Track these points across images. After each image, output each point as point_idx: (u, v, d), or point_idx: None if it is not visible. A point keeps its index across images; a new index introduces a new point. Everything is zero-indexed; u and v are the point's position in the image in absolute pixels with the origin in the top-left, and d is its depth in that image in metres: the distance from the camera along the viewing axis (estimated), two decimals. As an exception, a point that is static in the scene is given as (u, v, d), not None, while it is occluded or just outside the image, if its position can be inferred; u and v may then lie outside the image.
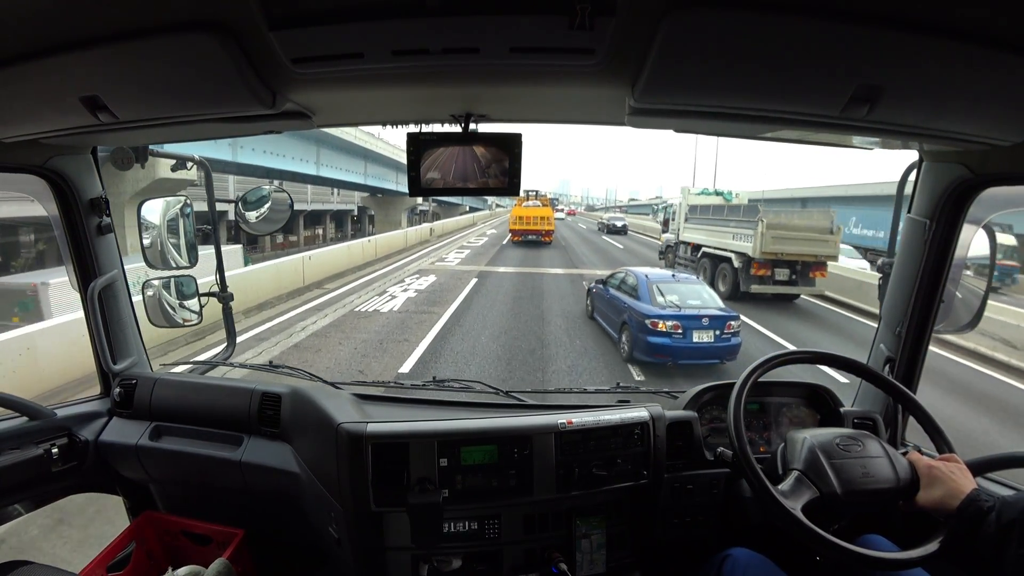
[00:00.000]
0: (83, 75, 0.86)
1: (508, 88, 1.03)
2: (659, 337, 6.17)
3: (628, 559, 1.39)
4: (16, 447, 1.35)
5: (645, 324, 6.27)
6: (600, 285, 8.21)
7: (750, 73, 0.79)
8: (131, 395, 1.55)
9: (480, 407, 1.52)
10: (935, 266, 1.30)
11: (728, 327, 6.28)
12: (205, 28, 0.74)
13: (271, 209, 1.80)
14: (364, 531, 1.23)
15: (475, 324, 8.47)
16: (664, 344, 6.17)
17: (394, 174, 31.87)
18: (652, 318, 6.24)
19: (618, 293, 7.30)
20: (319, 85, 0.94)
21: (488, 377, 5.68)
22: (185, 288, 1.83)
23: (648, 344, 6.24)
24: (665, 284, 6.92)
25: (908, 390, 1.24)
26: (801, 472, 1.06)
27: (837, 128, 0.94)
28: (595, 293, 8.46)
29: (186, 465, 1.51)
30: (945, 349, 7.98)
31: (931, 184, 1.27)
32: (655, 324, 6.19)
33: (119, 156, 1.46)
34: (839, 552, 0.97)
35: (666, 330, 6.14)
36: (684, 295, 6.73)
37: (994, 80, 0.77)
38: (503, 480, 1.23)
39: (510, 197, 2.15)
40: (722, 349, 6.31)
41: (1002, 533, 0.87)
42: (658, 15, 0.69)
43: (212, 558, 1.39)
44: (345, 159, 25.71)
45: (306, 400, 1.37)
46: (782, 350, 1.23)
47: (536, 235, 22.40)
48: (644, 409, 1.35)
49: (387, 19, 0.73)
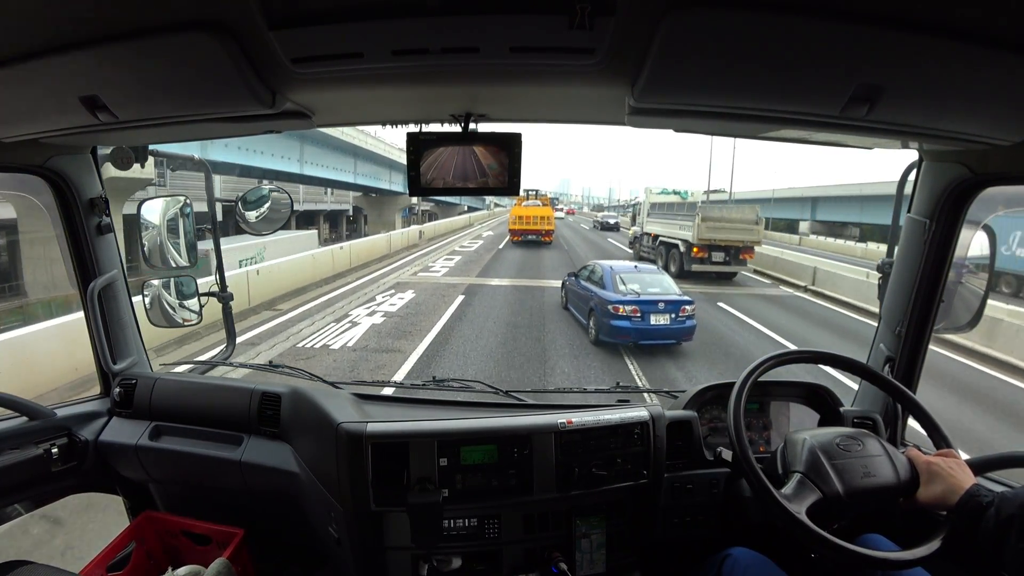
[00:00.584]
0: (83, 75, 0.86)
1: (508, 88, 1.03)
2: (620, 320, 7.02)
3: (628, 559, 1.39)
4: (16, 447, 1.35)
5: (608, 309, 7.13)
6: (572, 278, 8.99)
7: (750, 73, 0.79)
8: (131, 395, 1.55)
9: (480, 407, 1.52)
10: (935, 266, 1.30)
11: (683, 311, 7.12)
12: (205, 28, 0.74)
13: (271, 209, 1.80)
14: (364, 531, 1.23)
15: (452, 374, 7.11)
16: (624, 326, 7.01)
17: (387, 173, 31.15)
18: (614, 303, 7.11)
19: (587, 284, 8.12)
20: (319, 85, 0.94)
21: (487, 380, 5.67)
22: (185, 288, 1.83)
23: (611, 327, 7.08)
24: (627, 274, 7.77)
25: (908, 390, 1.24)
26: (803, 474, 1.06)
27: (837, 128, 0.94)
28: (568, 285, 9.25)
29: (186, 465, 1.51)
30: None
31: (931, 184, 1.27)
32: (616, 309, 7.05)
33: (119, 156, 1.45)
34: (842, 553, 0.97)
35: (626, 314, 7.00)
36: (644, 283, 7.59)
37: (994, 80, 0.77)
38: (503, 480, 1.23)
39: (510, 197, 2.15)
40: (678, 331, 7.19)
41: (1001, 528, 0.88)
42: (658, 15, 0.69)
43: (212, 558, 1.39)
44: (333, 156, 24.78)
45: (306, 400, 1.37)
46: (782, 350, 1.24)
47: (536, 235, 22.17)
48: (644, 409, 1.35)
49: (387, 19, 0.73)
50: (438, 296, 10.59)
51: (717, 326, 9.27)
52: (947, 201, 1.24)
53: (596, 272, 8.10)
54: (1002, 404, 6.29)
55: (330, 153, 24.73)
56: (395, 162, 31.42)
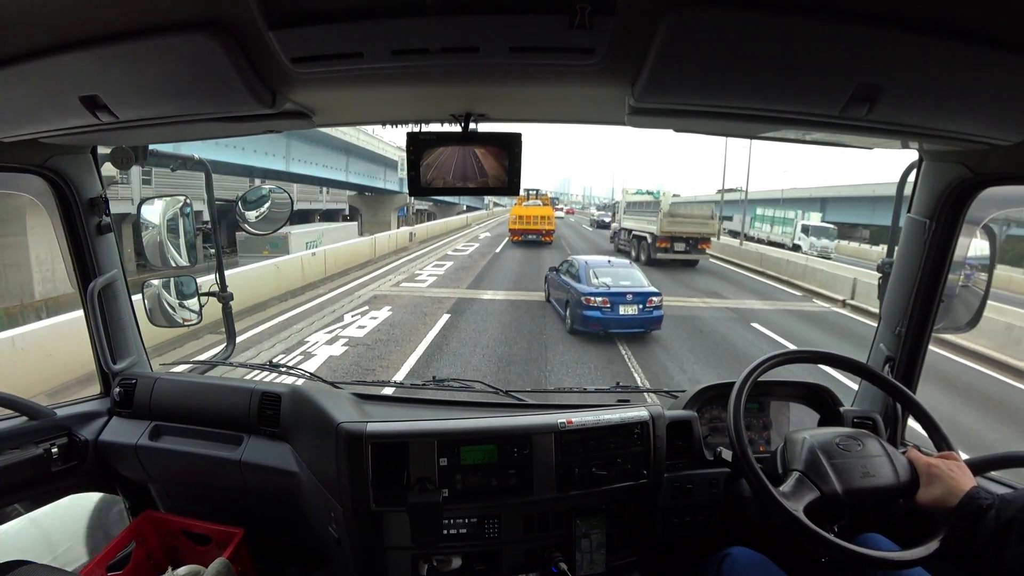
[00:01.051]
0: (82, 75, 0.86)
1: (508, 87, 1.03)
2: (592, 310, 7.63)
3: (628, 559, 1.39)
4: (16, 447, 1.35)
5: (581, 300, 7.75)
6: (553, 272, 9.53)
7: (750, 73, 0.79)
8: (131, 395, 1.55)
9: (480, 407, 1.52)
10: (935, 266, 1.30)
11: (650, 302, 7.76)
12: (204, 27, 0.74)
13: (271, 209, 1.80)
14: (364, 531, 1.23)
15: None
16: (595, 316, 7.61)
17: (382, 171, 30.43)
18: (586, 295, 7.72)
19: (565, 277, 8.72)
20: (319, 85, 0.94)
21: (487, 380, 5.64)
22: (185, 288, 1.83)
23: (583, 316, 7.68)
24: (600, 268, 8.38)
25: (908, 389, 1.24)
26: (802, 473, 1.06)
27: (837, 128, 0.94)
28: (549, 279, 9.85)
29: (186, 465, 1.51)
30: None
31: (931, 184, 1.27)
32: (588, 300, 7.67)
33: (119, 156, 1.45)
34: (840, 552, 0.97)
35: (596, 304, 7.63)
36: (616, 276, 8.20)
37: (994, 80, 0.77)
38: (503, 480, 1.23)
39: (510, 196, 2.15)
40: (645, 320, 7.85)
41: (1001, 530, 0.87)
42: (657, 14, 0.69)
43: (212, 558, 1.39)
44: (323, 154, 23.85)
45: (306, 400, 1.37)
46: (781, 350, 1.24)
47: (536, 235, 22.12)
48: (644, 409, 1.35)
49: (386, 18, 0.73)
50: (419, 315, 8.93)
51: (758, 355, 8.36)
52: (947, 201, 1.24)
53: (573, 266, 8.68)
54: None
55: (319, 150, 23.66)
56: (390, 160, 30.82)
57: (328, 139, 23.31)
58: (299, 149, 22.22)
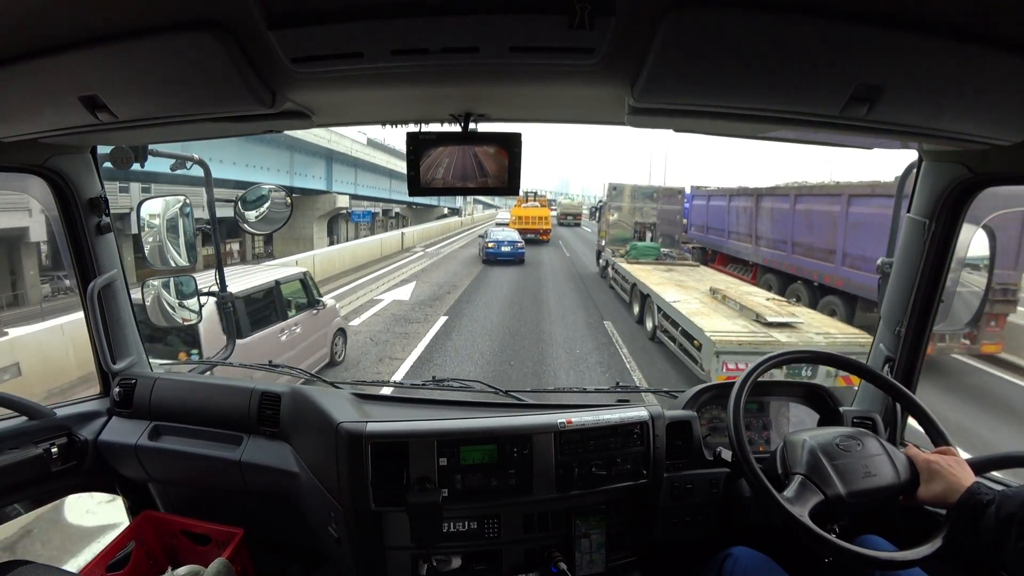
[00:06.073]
0: (82, 74, 0.86)
1: (508, 87, 1.03)
2: (489, 251, 17.42)
3: (628, 559, 1.39)
4: (15, 447, 1.35)
5: (486, 246, 17.75)
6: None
7: (750, 73, 0.79)
8: (131, 395, 1.55)
9: (480, 407, 1.52)
10: (934, 266, 1.30)
11: (516, 245, 17.46)
12: (204, 27, 0.74)
13: (270, 209, 1.80)
14: (364, 530, 1.23)
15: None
16: (490, 252, 17.26)
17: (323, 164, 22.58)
18: (489, 241, 17.82)
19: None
20: (318, 84, 0.94)
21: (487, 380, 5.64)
22: (184, 288, 1.84)
23: (486, 254, 17.50)
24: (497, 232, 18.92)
25: (907, 389, 1.24)
26: (804, 476, 1.06)
27: (837, 128, 0.94)
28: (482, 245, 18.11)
29: (185, 465, 1.51)
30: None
31: (931, 184, 1.27)
32: (488, 245, 17.65)
33: (118, 155, 1.45)
34: (844, 554, 0.97)
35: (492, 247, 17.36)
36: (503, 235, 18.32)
37: (994, 80, 0.77)
38: (503, 480, 1.23)
39: (509, 196, 2.15)
40: (514, 254, 17.14)
41: (1002, 526, 0.88)
42: (657, 14, 0.69)
43: (211, 558, 1.39)
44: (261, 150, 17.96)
45: (306, 400, 1.37)
46: (781, 350, 1.24)
47: (535, 233, 23.74)
48: (644, 409, 1.35)
49: (386, 18, 0.73)
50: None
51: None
52: (947, 201, 1.24)
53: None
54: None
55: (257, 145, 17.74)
56: (334, 152, 22.65)
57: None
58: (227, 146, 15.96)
